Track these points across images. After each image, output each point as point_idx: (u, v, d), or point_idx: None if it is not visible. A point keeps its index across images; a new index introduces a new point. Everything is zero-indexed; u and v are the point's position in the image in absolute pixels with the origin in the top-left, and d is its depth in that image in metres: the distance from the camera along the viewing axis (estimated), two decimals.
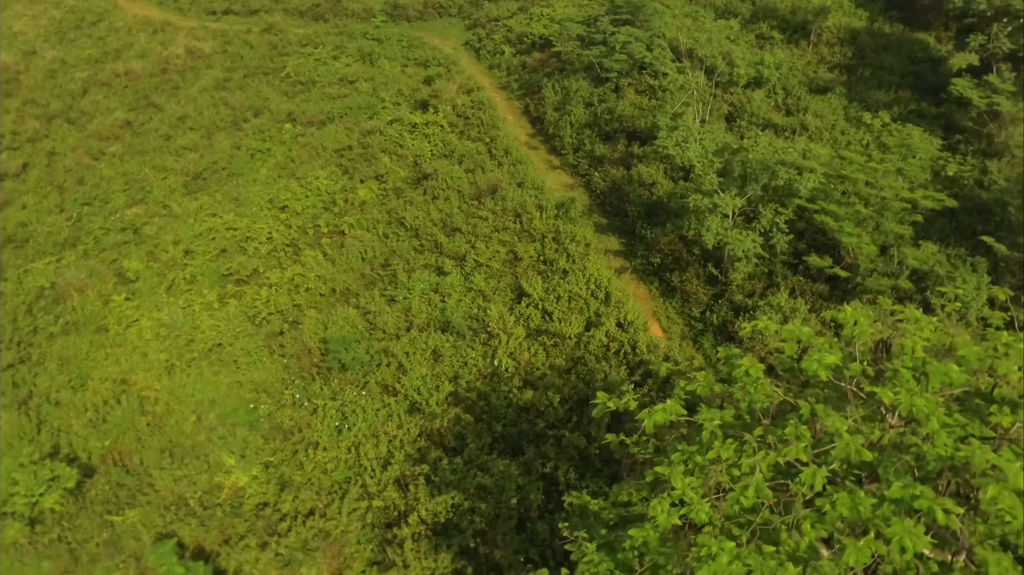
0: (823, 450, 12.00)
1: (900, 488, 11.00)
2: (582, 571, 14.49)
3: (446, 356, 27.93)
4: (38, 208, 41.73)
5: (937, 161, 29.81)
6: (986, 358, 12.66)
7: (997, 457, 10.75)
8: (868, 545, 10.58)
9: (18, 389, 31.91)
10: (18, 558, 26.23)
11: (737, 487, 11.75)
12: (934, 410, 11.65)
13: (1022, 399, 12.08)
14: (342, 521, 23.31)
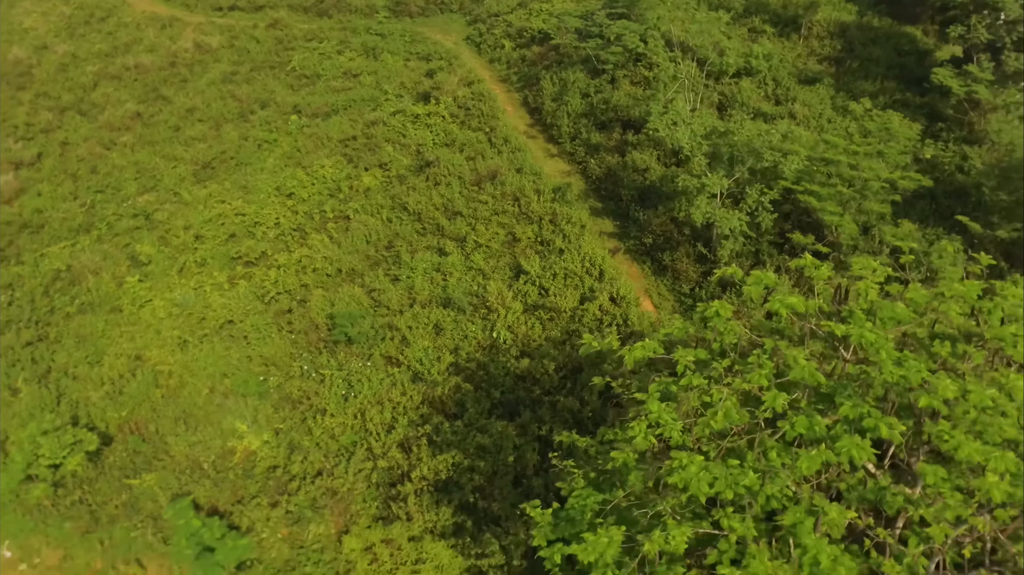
0: (784, 380, 13.51)
1: (850, 407, 12.50)
2: (571, 504, 16.04)
3: (447, 330, 29.47)
4: (53, 195, 43.30)
5: (916, 145, 31.29)
6: (933, 302, 14.15)
7: (930, 375, 12.26)
8: (820, 455, 12.08)
9: (37, 365, 33.44)
10: (42, 519, 27.76)
11: (708, 412, 13.27)
12: (882, 343, 13.16)
13: (962, 334, 13.59)
14: (348, 480, 24.84)
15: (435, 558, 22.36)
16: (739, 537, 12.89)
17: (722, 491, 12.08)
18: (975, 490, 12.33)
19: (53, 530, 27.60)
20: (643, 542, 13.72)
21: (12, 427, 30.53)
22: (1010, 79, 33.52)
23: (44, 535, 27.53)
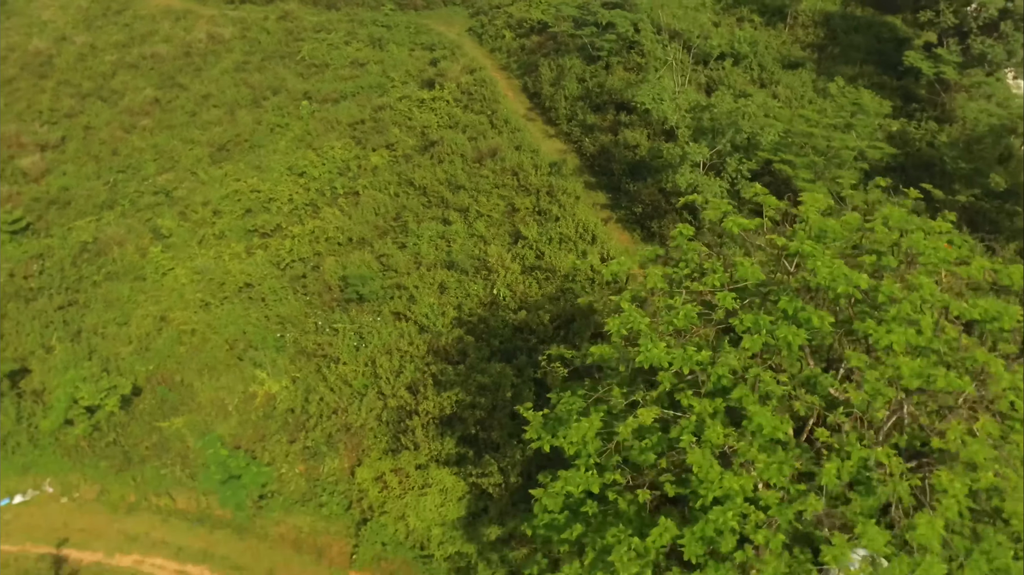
0: (736, 286, 16.26)
1: (787, 302, 15.25)
2: (559, 407, 18.77)
3: (451, 289, 32.24)
4: (77, 175, 46.15)
5: (886, 120, 34.03)
6: (864, 223, 16.90)
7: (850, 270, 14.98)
8: (761, 338, 14.81)
9: (68, 326, 36.24)
10: (79, 459, 30.58)
11: (671, 312, 16.02)
12: (818, 253, 15.91)
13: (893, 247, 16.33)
14: (361, 417, 27.60)
15: (440, 482, 25.07)
16: (697, 415, 15.60)
17: (680, 366, 14.83)
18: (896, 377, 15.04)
19: (89, 468, 30.39)
20: (619, 428, 16.50)
21: (48, 380, 33.31)
22: (976, 61, 36.22)
23: (81, 473, 30.30)
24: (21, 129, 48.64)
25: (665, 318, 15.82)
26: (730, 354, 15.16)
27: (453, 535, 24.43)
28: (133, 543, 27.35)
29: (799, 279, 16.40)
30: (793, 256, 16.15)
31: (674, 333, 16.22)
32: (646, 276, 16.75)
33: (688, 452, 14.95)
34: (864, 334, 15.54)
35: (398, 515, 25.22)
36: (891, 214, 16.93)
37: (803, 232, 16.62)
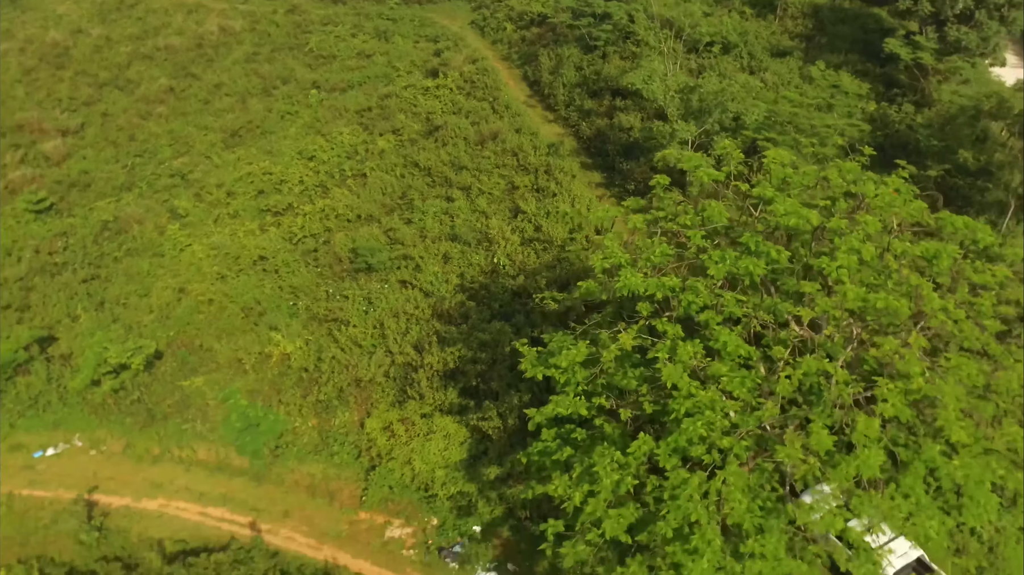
0: (707, 228, 18.60)
1: (749, 238, 17.58)
2: (553, 344, 21.08)
3: (455, 258, 34.61)
4: (96, 159, 48.62)
5: (865, 101, 36.33)
6: (821, 172, 19.24)
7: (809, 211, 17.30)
8: (725, 266, 17.14)
9: (92, 297, 38.63)
10: (105, 416, 32.93)
11: (648, 250, 18.36)
12: (781, 199, 18.24)
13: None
14: (370, 372, 29.92)
15: (443, 429, 27.38)
16: (671, 338, 17.92)
17: (653, 291, 17.17)
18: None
19: (115, 424, 32.76)
20: (604, 354, 18.84)
21: (75, 345, 35.70)
22: (952, 48, 38.51)
23: (108, 429, 32.67)
24: (42, 116, 51.14)
25: (643, 255, 18.14)
26: (699, 282, 17.48)
27: (455, 476, 26.73)
28: (158, 489, 29.66)
29: (761, 220, 18.74)
30: (757, 201, 18.47)
31: (651, 269, 18.54)
32: (627, 220, 19.10)
33: (663, 369, 17.24)
34: (819, 270, 17.87)
35: (404, 460, 27.53)
36: (846, 166, 19.27)
37: (766, 181, 18.95)
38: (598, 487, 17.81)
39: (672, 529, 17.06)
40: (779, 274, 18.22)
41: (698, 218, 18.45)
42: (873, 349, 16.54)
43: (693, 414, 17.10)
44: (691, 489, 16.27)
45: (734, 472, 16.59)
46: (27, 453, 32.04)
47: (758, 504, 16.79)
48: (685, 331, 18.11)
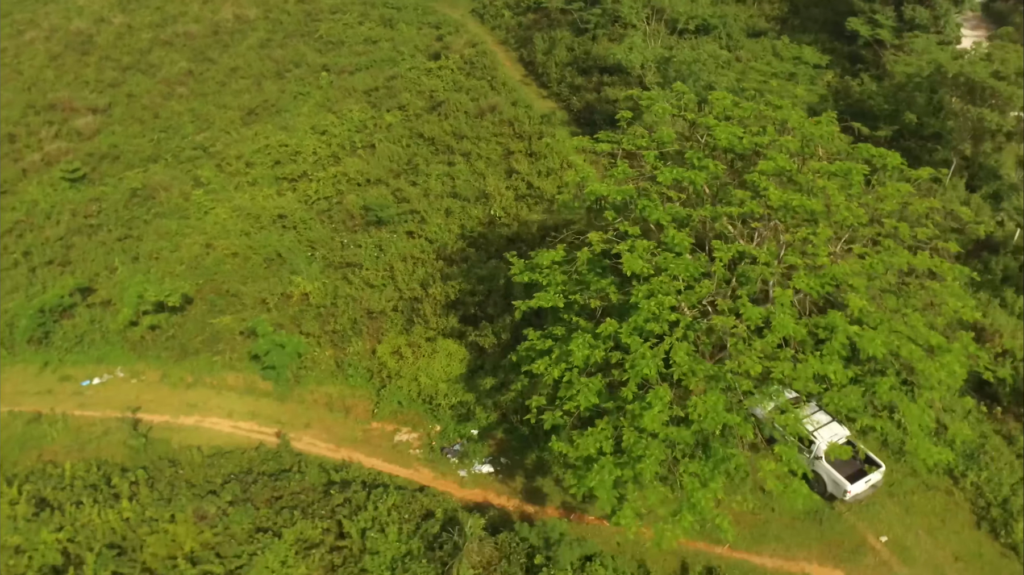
0: (661, 149, 23.17)
1: (692, 154, 22.16)
2: (537, 258, 25.60)
3: (456, 212, 39.19)
4: (124, 134, 53.34)
5: (825, 72, 40.86)
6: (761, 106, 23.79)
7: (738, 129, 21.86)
8: (672, 173, 21.69)
9: (127, 253, 43.22)
10: (143, 351, 37.43)
11: (613, 168, 22.94)
12: (720, 125, 22.80)
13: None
14: (381, 304, 34.47)
15: (446, 349, 31.89)
16: (631, 238, 22.43)
17: (614, 196, 21.71)
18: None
19: (152, 359, 37.27)
20: (578, 255, 23.39)
21: (114, 293, 40.21)
22: (907, 25, 43.09)
23: (146, 362, 37.17)
24: (73, 95, 55.92)
25: (608, 173, 22.70)
26: (651, 188, 22.02)
27: (456, 388, 31.21)
28: (193, 408, 34.15)
29: (704, 142, 23.32)
30: (702, 128, 23.03)
31: (614, 183, 23.09)
32: (597, 148, 23.66)
33: (624, 260, 21.75)
34: (751, 182, 22.41)
35: (411, 377, 32.01)
36: (775, 100, 23.82)
37: (710, 113, 23.51)
38: (573, 360, 22.27)
39: (632, 392, 21.56)
40: (720, 187, 22.72)
41: (652, 141, 22.97)
42: (787, 235, 21.04)
43: (649, 297, 21.59)
44: (644, 349, 20.73)
45: (679, 337, 21.08)
46: (75, 382, 36.54)
47: (700, 367, 21.25)
48: (642, 234, 22.65)
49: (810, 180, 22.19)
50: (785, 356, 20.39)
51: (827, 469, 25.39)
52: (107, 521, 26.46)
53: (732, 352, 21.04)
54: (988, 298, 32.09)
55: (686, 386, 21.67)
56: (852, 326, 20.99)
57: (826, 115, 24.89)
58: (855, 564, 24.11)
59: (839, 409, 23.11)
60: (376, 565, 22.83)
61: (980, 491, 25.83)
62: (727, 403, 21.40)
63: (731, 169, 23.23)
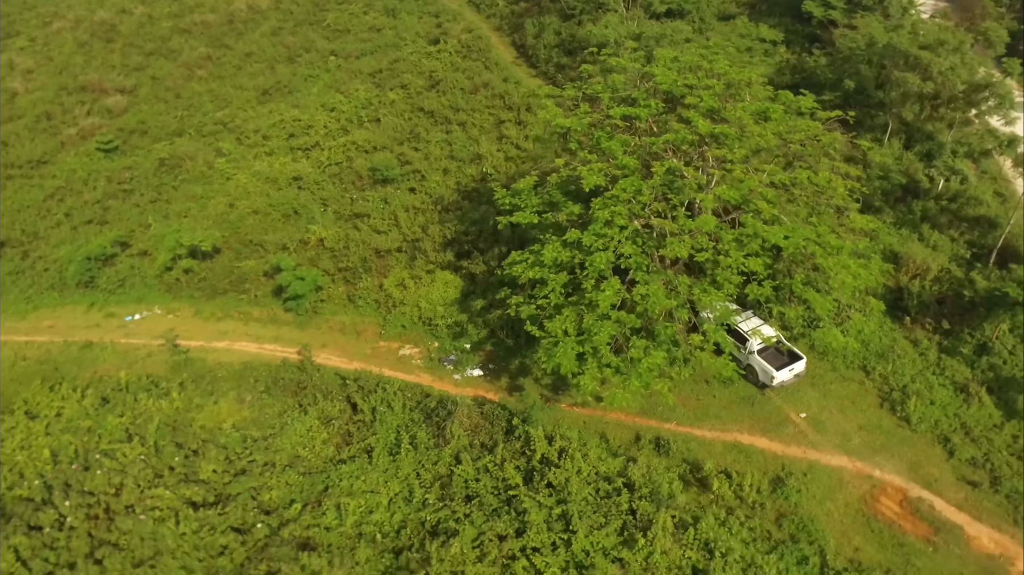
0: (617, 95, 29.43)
1: (638, 94, 28.36)
2: (516, 187, 31.78)
3: (452, 171, 45.45)
4: (150, 111, 59.73)
5: (776, 45, 47.08)
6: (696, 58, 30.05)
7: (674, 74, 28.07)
8: (622, 111, 27.88)
9: (158, 211, 49.49)
10: (177, 292, 43.62)
11: (576, 111, 29.20)
12: (662, 72, 29.01)
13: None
14: (387, 245, 40.65)
15: (443, 278, 38.08)
16: (588, 160, 28.60)
17: (573, 126, 27.88)
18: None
19: (186, 299, 43.47)
20: (549, 179, 29.61)
21: (149, 245, 46.42)
22: (857, 6, 49.30)
23: (180, 301, 43.37)
24: (102, 77, 62.29)
25: (573, 112, 28.90)
26: (606, 123, 28.21)
27: (451, 310, 37.34)
28: (224, 335, 40.29)
29: (649, 87, 29.55)
30: (648, 77, 29.25)
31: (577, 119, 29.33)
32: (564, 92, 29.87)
33: (584, 177, 27.92)
34: (685, 117, 28.62)
35: (413, 304, 38.17)
36: (711, 49, 30.00)
37: (656, 63, 29.75)
38: (544, 259, 28.40)
39: (591, 284, 27.70)
40: (660, 122, 28.90)
41: (607, 87, 29.12)
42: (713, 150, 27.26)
43: (603, 208, 27.75)
44: (599, 245, 26.89)
45: (628, 237, 27.24)
46: (119, 318, 42.72)
47: (645, 263, 27.38)
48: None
49: (733, 114, 28.36)
50: (709, 244, 26.49)
51: (759, 362, 31.40)
52: (161, 408, 32.64)
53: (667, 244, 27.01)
54: (908, 234, 38.22)
55: (633, 279, 27.79)
56: (765, 226, 27.14)
57: (751, 68, 31.07)
58: (778, 433, 30.15)
59: (759, 298, 29.02)
60: (384, 431, 28.92)
61: (886, 380, 31.87)
62: (667, 292, 27.54)
63: (670, 107, 29.38)
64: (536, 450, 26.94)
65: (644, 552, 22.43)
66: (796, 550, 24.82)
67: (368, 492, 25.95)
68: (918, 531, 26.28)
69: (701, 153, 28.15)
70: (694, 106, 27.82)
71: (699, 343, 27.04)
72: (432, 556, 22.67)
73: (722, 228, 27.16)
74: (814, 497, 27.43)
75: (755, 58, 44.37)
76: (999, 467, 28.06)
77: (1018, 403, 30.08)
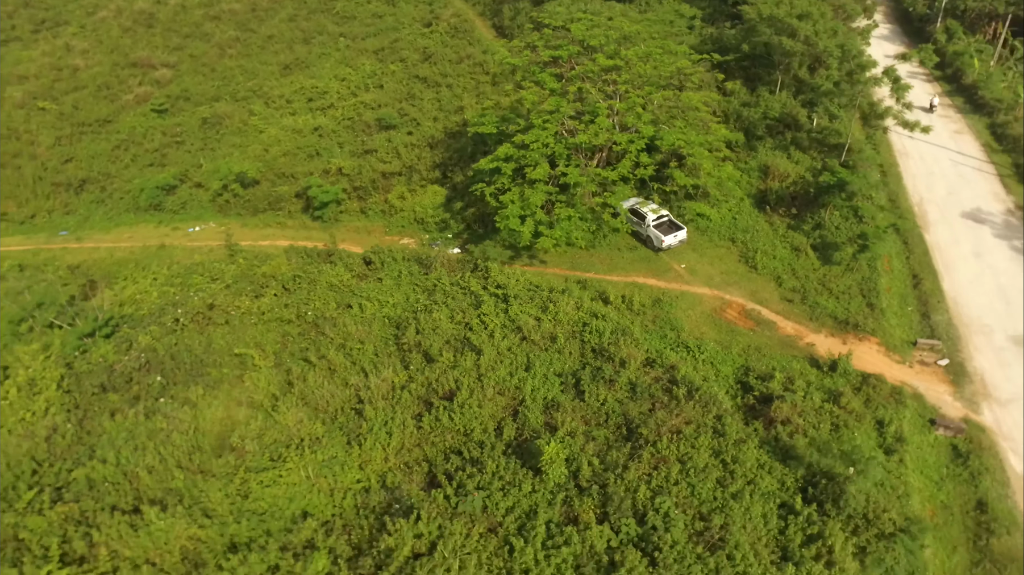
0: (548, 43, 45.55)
1: (563, 43, 44.42)
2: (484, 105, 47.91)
3: (441, 119, 61.50)
4: (191, 82, 75.96)
5: (693, 20, 63.21)
6: (602, 19, 46.19)
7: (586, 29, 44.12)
8: (549, 52, 43.89)
9: (207, 156, 65.47)
10: (227, 211, 59.55)
11: (520, 54, 45.30)
12: (576, 26, 45.07)
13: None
14: (391, 168, 56.59)
15: (432, 189, 53.99)
16: (529, 91, 44.62)
17: (519, 63, 43.78)
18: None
19: (234, 216, 59.38)
20: (501, 100, 45.68)
21: (202, 179, 62.37)
22: None
23: (229, 219, 59.28)
24: (150, 55, 78.59)
25: (518, 54, 44.87)
26: (539, 60, 44.07)
27: (438, 211, 53.11)
28: (266, 237, 56.03)
29: (570, 38, 45.61)
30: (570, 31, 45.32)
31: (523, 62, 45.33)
32: (512, 43, 45.79)
33: (525, 97, 43.86)
34: (594, 57, 44.59)
35: (410, 210, 54.02)
36: (611, 14, 45.94)
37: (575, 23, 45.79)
38: (499, 155, 44.27)
39: (530, 169, 43.55)
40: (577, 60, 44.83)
41: (542, 38, 45.04)
42: (611, 76, 43.05)
43: (539, 117, 43.65)
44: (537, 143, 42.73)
45: (554, 136, 43.09)
46: (183, 230, 58.56)
47: (566, 153, 43.22)
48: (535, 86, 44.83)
49: (624, 55, 44.20)
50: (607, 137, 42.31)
51: (654, 232, 47.02)
52: (230, 269, 48.34)
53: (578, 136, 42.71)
54: (780, 154, 53.96)
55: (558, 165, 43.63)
56: (650, 127, 43.03)
57: (644, 23, 46.99)
58: (663, 276, 45.73)
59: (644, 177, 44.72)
60: (389, 269, 44.55)
61: (746, 245, 47.45)
62: (580, 165, 43.38)
63: (585, 52, 45.12)
64: (492, 277, 42.57)
65: (552, 313, 38.06)
66: (661, 331, 40.37)
67: (379, 299, 41.53)
68: (747, 325, 41.85)
69: (604, 80, 44.02)
70: (599, 48, 43.76)
71: (600, 203, 42.81)
72: (421, 321, 38.22)
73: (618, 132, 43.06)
74: (680, 309, 43.03)
75: (681, 31, 60.33)
76: (808, 291, 43.65)
77: (832, 256, 45.66)
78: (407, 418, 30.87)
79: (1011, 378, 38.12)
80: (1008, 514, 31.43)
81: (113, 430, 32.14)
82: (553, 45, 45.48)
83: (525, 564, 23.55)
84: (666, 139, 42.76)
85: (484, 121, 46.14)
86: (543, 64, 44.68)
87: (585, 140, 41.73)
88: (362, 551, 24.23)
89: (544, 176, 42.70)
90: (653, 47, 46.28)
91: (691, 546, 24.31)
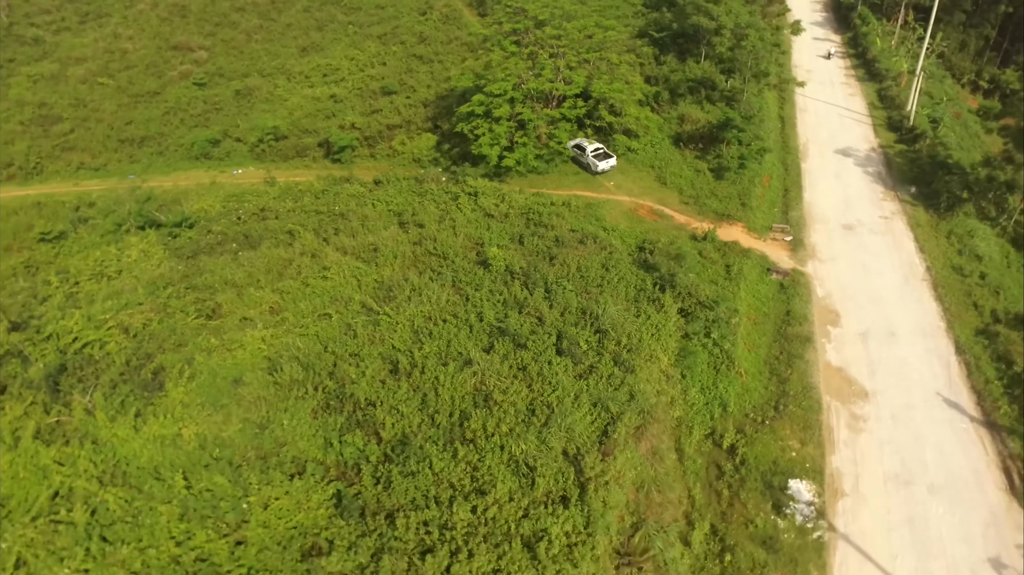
0: (511, 20, 66.21)
1: (521, 19, 64.93)
2: (462, 70, 68.59)
3: (432, 86, 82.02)
4: (224, 61, 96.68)
5: (634, 5, 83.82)
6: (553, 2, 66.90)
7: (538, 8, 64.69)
8: (511, 25, 64.41)
9: (243, 119, 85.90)
10: (264, 159, 79.94)
11: (491, 27, 65.95)
12: (532, 5, 65.64)
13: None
14: (394, 121, 76.99)
15: (426, 136, 74.30)
16: (497, 50, 65.17)
17: (490, 34, 64.17)
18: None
19: (269, 162, 79.77)
20: (477, 64, 66.31)
21: (242, 134, 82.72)
22: None
23: (265, 165, 79.61)
24: (188, 39, 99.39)
25: (489, 27, 65.32)
26: (503, 31, 64.35)
27: (431, 152, 73.30)
28: (296, 175, 76.15)
29: (528, 16, 66.19)
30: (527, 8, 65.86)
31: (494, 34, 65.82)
32: (485, 19, 66.11)
33: (493, 59, 64.30)
34: (543, 28, 65.04)
35: (409, 152, 74.34)
36: (564, 2, 66.40)
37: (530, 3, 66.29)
38: (475, 102, 64.61)
39: (498, 110, 63.89)
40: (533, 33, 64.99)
41: (508, 15, 65.20)
42: (555, 43, 63.17)
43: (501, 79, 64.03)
44: (502, 103, 63.02)
45: (513, 87, 63.39)
46: (228, 173, 78.83)
47: (522, 97, 63.55)
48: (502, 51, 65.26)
49: (565, 27, 64.38)
50: (553, 87, 62.59)
51: (592, 160, 67.10)
52: (274, 189, 68.56)
53: (528, 84, 62.89)
54: (697, 106, 74.10)
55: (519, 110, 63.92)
56: (583, 78, 63.37)
57: (596, 8, 67.37)
58: (596, 191, 65.74)
59: (578, 115, 65.12)
60: (390, 184, 64.75)
61: (661, 170, 67.55)
62: (532, 107, 63.74)
63: (539, 25, 65.29)
64: (468, 184, 62.60)
65: (508, 202, 58.19)
66: (588, 219, 60.32)
67: (386, 200, 61.55)
68: (651, 218, 61.82)
69: (551, 46, 64.25)
70: (548, 21, 64.02)
71: (548, 134, 63.04)
72: (415, 209, 58.28)
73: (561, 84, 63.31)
74: (606, 209, 63.00)
75: (627, 15, 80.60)
76: (700, 197, 63.59)
77: (724, 176, 65.60)
78: (406, 249, 50.80)
79: (832, 247, 58.13)
80: (803, 316, 51.21)
81: (211, 264, 52.08)
82: (514, 21, 65.75)
83: (477, 305, 43.40)
84: (595, 88, 62.97)
85: (463, 78, 66.46)
86: (506, 34, 65.00)
87: (535, 87, 61.85)
88: (380, 300, 44.28)
89: (506, 115, 62.80)
90: (589, 23, 66.54)
91: (576, 299, 44.16)
